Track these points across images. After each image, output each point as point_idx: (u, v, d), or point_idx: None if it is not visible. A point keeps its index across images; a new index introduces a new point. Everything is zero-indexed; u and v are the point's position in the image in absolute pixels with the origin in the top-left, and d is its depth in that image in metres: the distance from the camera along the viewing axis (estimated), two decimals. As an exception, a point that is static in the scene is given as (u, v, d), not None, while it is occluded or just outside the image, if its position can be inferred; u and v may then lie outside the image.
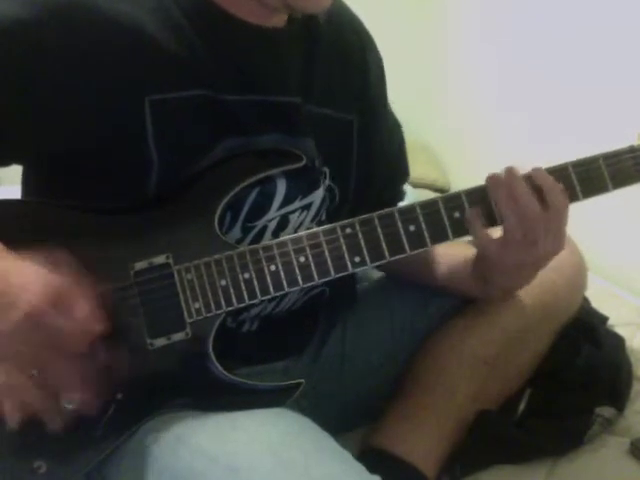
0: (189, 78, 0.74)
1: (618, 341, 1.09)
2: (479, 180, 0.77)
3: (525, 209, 0.73)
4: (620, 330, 1.15)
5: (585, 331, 1.04)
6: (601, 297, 1.28)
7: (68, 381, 0.67)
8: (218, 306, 0.71)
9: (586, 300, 1.15)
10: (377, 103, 0.94)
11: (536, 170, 0.74)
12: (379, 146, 0.94)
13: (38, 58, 0.68)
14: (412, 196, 2.04)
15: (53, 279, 0.64)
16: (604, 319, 1.17)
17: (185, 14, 0.74)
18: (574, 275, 1.00)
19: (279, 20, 0.79)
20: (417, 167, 2.37)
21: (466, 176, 2.27)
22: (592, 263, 1.05)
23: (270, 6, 0.74)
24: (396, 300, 0.98)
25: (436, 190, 2.27)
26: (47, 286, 0.63)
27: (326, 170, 0.84)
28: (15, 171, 0.81)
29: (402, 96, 2.33)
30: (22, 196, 0.83)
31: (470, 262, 0.86)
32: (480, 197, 0.74)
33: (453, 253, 0.92)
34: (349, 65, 0.89)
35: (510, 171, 0.74)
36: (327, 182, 0.85)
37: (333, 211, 0.86)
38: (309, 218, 0.83)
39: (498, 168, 0.76)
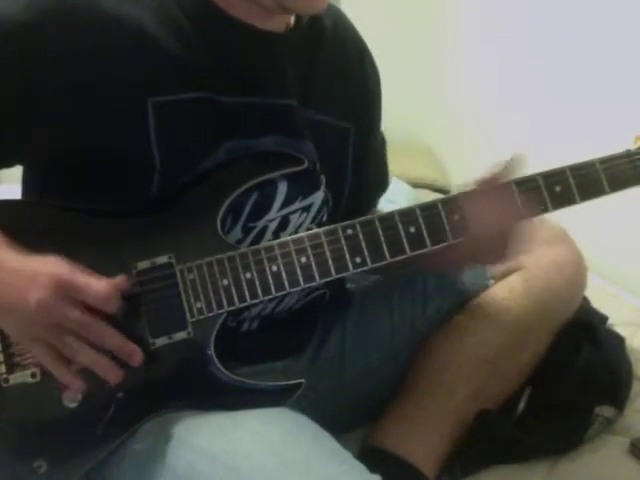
0: (190, 80, 0.74)
1: (618, 341, 1.09)
2: (479, 180, 0.77)
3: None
4: (620, 330, 1.15)
5: (585, 331, 1.04)
6: (601, 297, 1.28)
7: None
8: (220, 306, 0.71)
9: (586, 300, 1.15)
10: (373, 114, 0.95)
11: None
12: (371, 156, 0.95)
13: (41, 60, 0.69)
14: (412, 196, 2.05)
15: (60, 268, 0.66)
16: (604, 319, 1.16)
17: (186, 14, 0.74)
18: (574, 274, 1.00)
19: (279, 23, 0.79)
20: (417, 167, 2.39)
21: (466, 176, 2.26)
22: (592, 263, 1.05)
23: (265, 6, 0.74)
24: (396, 300, 0.98)
25: (436, 190, 2.27)
26: (55, 275, 0.65)
27: (323, 177, 0.84)
28: (15, 170, 0.81)
29: (402, 96, 2.34)
30: (22, 196, 0.83)
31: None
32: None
33: None
34: (349, 75, 0.90)
35: (504, 181, 0.74)
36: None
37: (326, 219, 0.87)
38: (309, 219, 0.83)
39: (498, 168, 0.76)
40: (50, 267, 0.66)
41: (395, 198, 1.85)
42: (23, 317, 0.66)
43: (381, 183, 1.02)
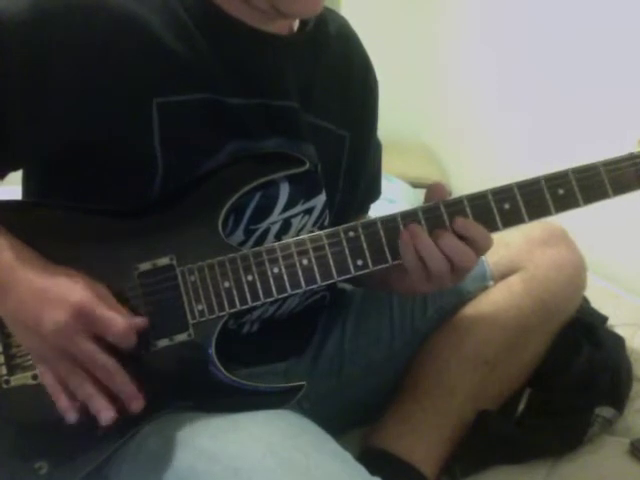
0: (195, 81, 0.74)
1: (618, 341, 1.09)
2: (479, 180, 0.77)
3: (461, 260, 0.72)
4: (620, 330, 1.15)
5: (585, 331, 1.04)
6: (601, 297, 1.28)
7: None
8: (221, 308, 0.71)
9: (586, 300, 1.15)
10: (370, 123, 0.96)
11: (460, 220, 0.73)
12: (364, 165, 0.95)
13: (44, 59, 0.68)
14: (412, 196, 2.05)
15: (84, 296, 0.66)
16: (604, 319, 1.17)
17: (190, 15, 0.74)
18: (574, 274, 1.00)
19: (282, 27, 0.79)
20: (417, 167, 2.39)
21: (466, 176, 2.27)
22: (592, 263, 1.05)
23: (261, 9, 0.74)
24: (396, 301, 0.98)
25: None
26: (78, 303, 0.65)
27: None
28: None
29: (403, 96, 2.34)
30: (23, 196, 0.83)
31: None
32: (482, 202, 0.73)
33: None
34: (350, 83, 0.90)
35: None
36: None
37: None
38: (311, 222, 0.83)
39: (498, 168, 0.76)
40: (75, 294, 0.65)
41: (395, 198, 1.86)
42: (37, 336, 0.66)
43: (372, 192, 1.02)
